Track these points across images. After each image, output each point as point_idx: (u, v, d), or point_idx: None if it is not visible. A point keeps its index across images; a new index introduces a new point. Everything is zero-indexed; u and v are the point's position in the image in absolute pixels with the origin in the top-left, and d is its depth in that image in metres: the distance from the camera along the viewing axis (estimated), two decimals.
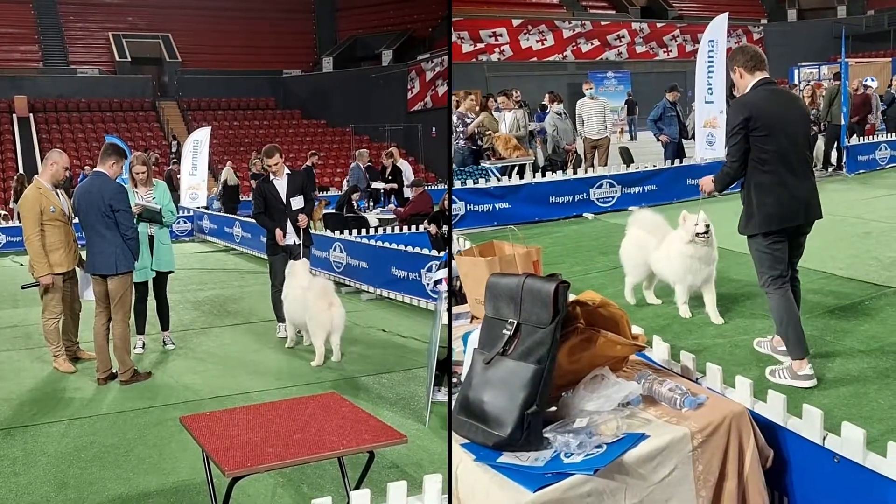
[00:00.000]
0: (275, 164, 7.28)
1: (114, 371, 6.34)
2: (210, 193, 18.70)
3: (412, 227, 10.93)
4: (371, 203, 14.67)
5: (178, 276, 9.13)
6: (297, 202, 7.29)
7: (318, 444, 3.33)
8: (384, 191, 14.56)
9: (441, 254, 8.41)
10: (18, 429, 5.39)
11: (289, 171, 7.42)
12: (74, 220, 6.59)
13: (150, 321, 7.33)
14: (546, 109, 13.62)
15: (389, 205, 14.15)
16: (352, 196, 13.59)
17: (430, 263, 8.33)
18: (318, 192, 17.27)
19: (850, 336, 5.46)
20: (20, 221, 6.94)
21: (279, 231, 7.22)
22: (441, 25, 30.69)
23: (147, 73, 31.18)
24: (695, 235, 5.71)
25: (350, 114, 29.33)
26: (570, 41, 30.63)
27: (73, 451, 4.96)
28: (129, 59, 31.25)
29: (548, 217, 10.77)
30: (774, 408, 3.21)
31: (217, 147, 25.63)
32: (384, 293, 9.22)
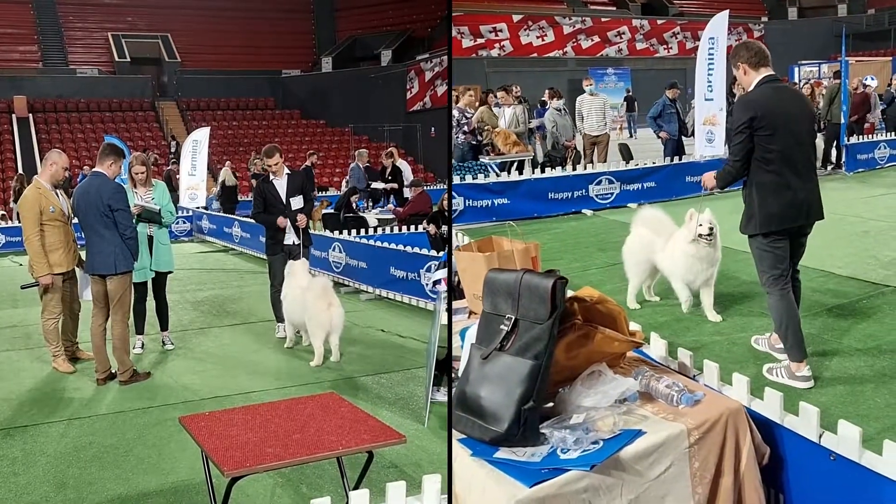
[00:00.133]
0: (275, 164, 7.29)
1: (113, 371, 6.34)
2: (209, 194, 18.70)
3: (411, 227, 10.94)
4: (370, 203, 14.68)
5: (178, 277, 9.14)
6: (297, 202, 7.29)
7: (317, 445, 3.33)
8: (384, 191, 14.57)
9: (440, 254, 8.41)
10: (18, 429, 5.39)
11: (288, 172, 7.43)
12: (74, 221, 6.60)
13: (150, 321, 7.33)
14: (546, 105, 13.58)
15: (388, 205, 14.15)
16: (351, 198, 13.60)
17: (429, 263, 8.33)
18: (318, 193, 17.28)
19: (848, 335, 5.46)
20: (20, 222, 6.94)
21: (281, 218, 7.19)
22: (440, 25, 30.68)
23: (146, 74, 31.18)
24: (698, 236, 5.62)
25: (349, 114, 29.33)
26: (571, 37, 30.54)
27: (73, 452, 4.96)
28: (129, 60, 31.25)
29: (546, 213, 10.73)
30: (771, 405, 3.21)
31: (216, 147, 25.63)
32: (383, 293, 9.22)
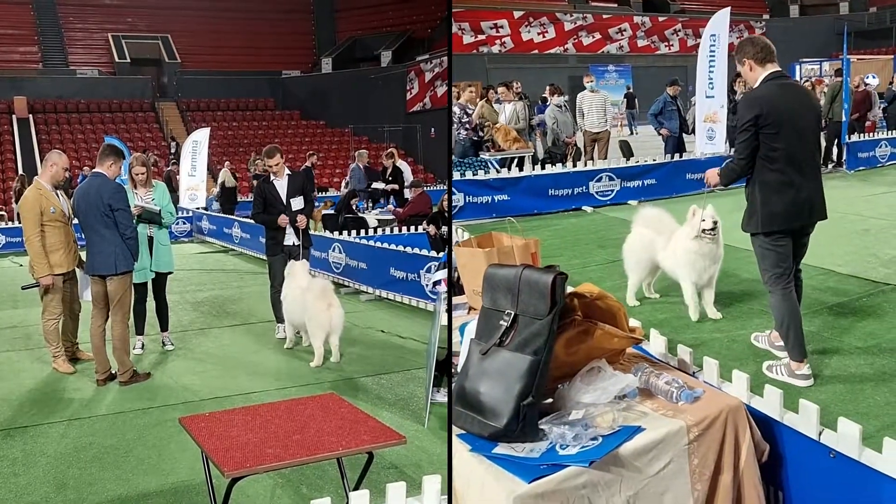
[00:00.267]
0: (275, 165, 7.29)
1: (113, 372, 6.34)
2: (209, 194, 18.71)
3: (411, 228, 10.95)
4: (370, 204, 14.68)
5: (178, 277, 9.14)
6: (297, 203, 7.29)
7: (317, 445, 3.34)
8: (384, 191, 14.56)
9: (440, 254, 8.41)
10: (18, 429, 5.39)
11: (289, 172, 7.43)
12: (74, 221, 6.61)
13: (150, 322, 7.33)
14: (547, 102, 13.56)
15: (388, 205, 14.15)
16: (351, 201, 13.60)
17: (429, 264, 8.33)
18: (319, 193, 17.28)
19: (848, 333, 5.45)
20: (20, 222, 6.95)
21: (283, 217, 7.19)
22: (440, 26, 30.67)
23: (146, 74, 31.18)
24: (701, 231, 5.55)
25: (349, 114, 29.33)
26: (572, 34, 30.48)
27: (73, 452, 4.96)
28: (129, 60, 31.26)
29: (547, 210, 10.72)
30: (771, 402, 3.20)
31: (216, 148, 25.63)
32: (383, 294, 9.22)
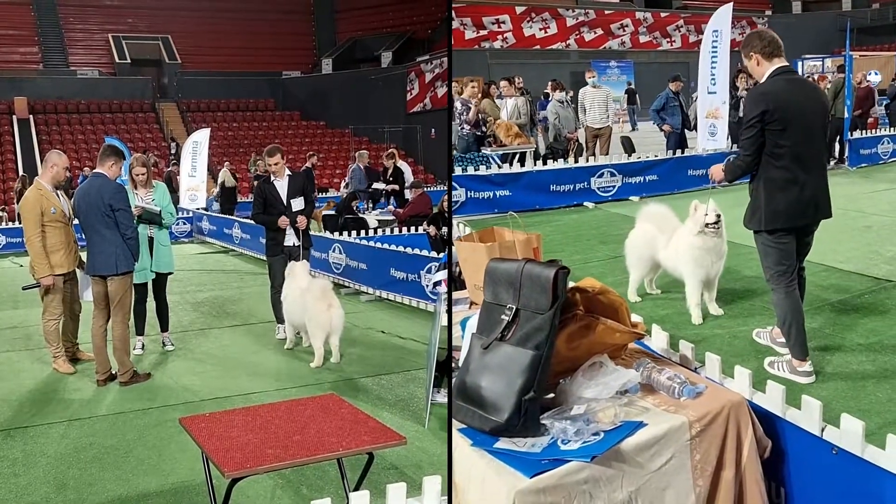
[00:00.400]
0: (275, 164, 7.30)
1: (113, 372, 6.35)
2: (209, 195, 18.70)
3: (411, 229, 10.94)
4: (370, 204, 14.67)
5: (178, 278, 9.13)
6: (298, 203, 7.29)
7: (318, 446, 3.34)
8: (384, 192, 14.56)
9: (440, 255, 8.41)
10: (18, 430, 5.39)
11: (289, 173, 7.43)
12: (75, 222, 6.61)
13: (150, 322, 7.34)
14: (549, 98, 13.53)
15: (389, 206, 14.15)
16: (351, 203, 13.60)
17: (430, 265, 8.34)
18: (319, 194, 17.28)
19: (850, 330, 5.43)
20: (21, 223, 6.95)
21: (283, 218, 7.18)
22: (440, 27, 30.66)
23: (147, 75, 31.17)
24: (704, 226, 5.48)
25: (349, 115, 29.32)
26: (574, 29, 30.34)
27: (73, 452, 4.96)
28: (129, 61, 31.24)
29: (548, 205, 10.69)
30: (773, 398, 3.20)
31: (216, 148, 25.62)
32: (383, 294, 9.22)
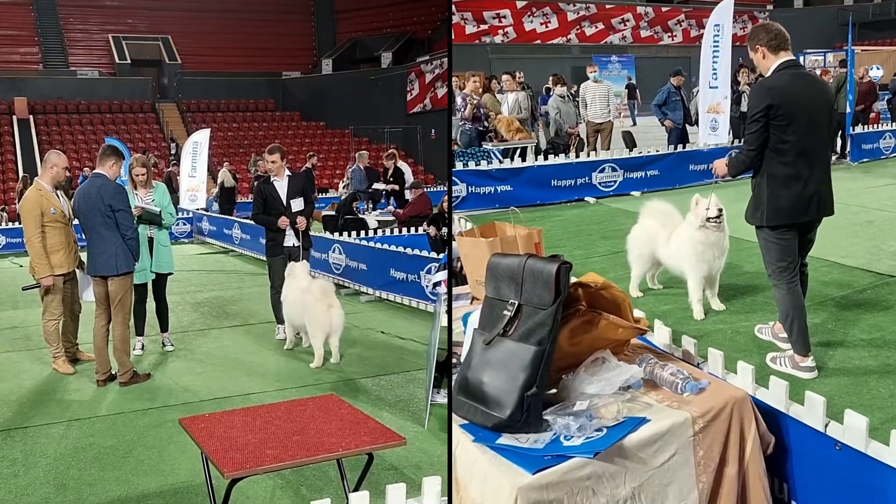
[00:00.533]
0: (273, 163, 7.29)
1: (113, 372, 6.35)
2: (209, 195, 18.71)
3: (411, 229, 10.94)
4: (370, 205, 14.68)
5: (178, 278, 9.14)
6: (297, 204, 7.28)
7: (317, 446, 3.34)
8: (385, 192, 14.56)
9: (440, 256, 8.42)
10: (18, 430, 5.39)
11: (289, 173, 7.43)
12: (74, 222, 6.61)
13: (150, 323, 7.33)
14: (551, 92, 13.50)
15: (388, 206, 14.15)
16: (352, 204, 13.61)
17: (430, 265, 8.34)
18: (319, 194, 17.27)
19: (853, 325, 5.41)
20: (21, 223, 6.96)
21: (283, 219, 7.18)
22: (440, 27, 30.66)
23: (147, 75, 31.21)
24: (706, 220, 5.43)
25: (349, 115, 29.34)
26: (575, 24, 30.17)
27: (73, 453, 4.96)
28: (129, 61, 31.29)
29: (549, 200, 10.66)
30: (776, 394, 3.20)
31: (216, 149, 25.65)
32: (383, 295, 9.22)
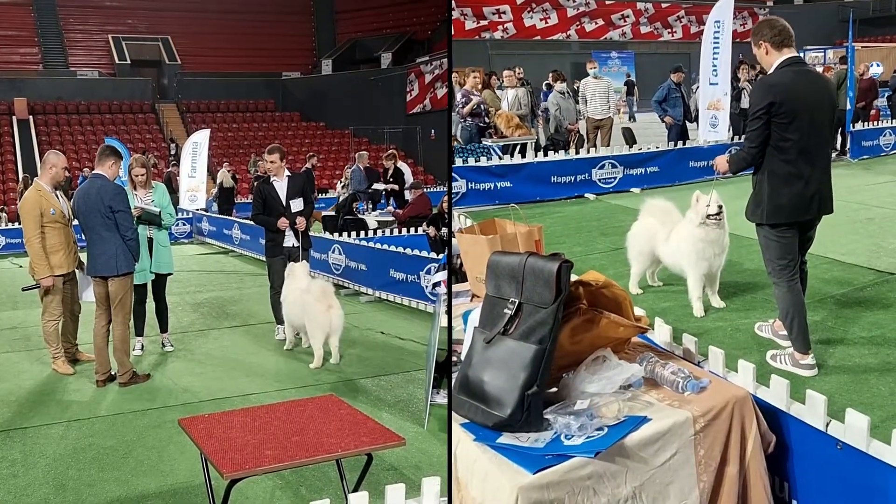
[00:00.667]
0: (272, 163, 7.29)
1: (112, 373, 6.35)
2: (209, 196, 18.71)
3: (411, 230, 10.94)
4: (370, 205, 14.68)
5: (177, 278, 9.13)
6: (297, 204, 7.28)
7: (317, 447, 3.34)
8: (384, 192, 14.56)
9: (440, 256, 8.42)
10: (17, 430, 5.39)
11: (289, 174, 7.43)
12: (74, 223, 6.61)
13: (149, 323, 7.33)
14: (552, 89, 13.49)
15: (388, 207, 14.15)
16: (352, 204, 13.61)
17: (429, 266, 8.34)
18: (319, 195, 17.26)
19: (853, 322, 5.39)
20: (21, 223, 6.96)
21: (283, 219, 7.18)
22: (440, 28, 30.65)
23: (146, 76, 31.21)
24: (706, 217, 5.40)
25: (349, 116, 29.34)
26: (574, 20, 30.09)
27: (72, 453, 4.96)
28: (129, 62, 31.30)
29: (549, 197, 10.63)
30: (777, 393, 3.19)
31: (216, 149, 25.64)
32: (383, 295, 9.22)
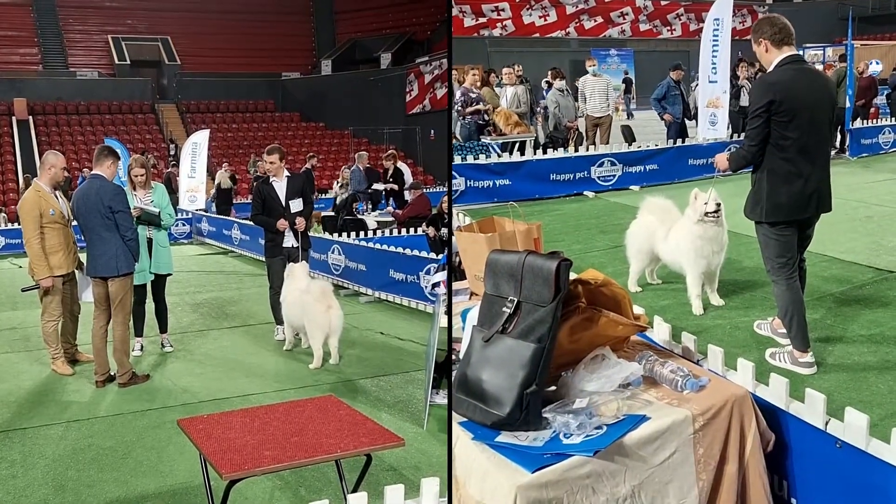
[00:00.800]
0: (271, 163, 7.29)
1: (112, 373, 6.34)
2: (208, 196, 18.71)
3: (410, 230, 10.94)
4: (370, 205, 14.68)
5: (177, 279, 9.13)
6: (296, 205, 7.28)
7: (316, 447, 3.34)
8: (384, 192, 14.57)
9: (439, 256, 8.42)
10: (17, 431, 5.39)
11: (288, 174, 7.43)
12: (73, 223, 6.61)
13: (149, 323, 7.32)
14: (551, 86, 13.50)
15: (388, 207, 14.15)
16: (352, 205, 13.60)
17: (429, 266, 8.34)
18: (319, 195, 17.26)
19: (852, 320, 5.40)
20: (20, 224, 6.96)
21: (282, 221, 7.19)
22: (440, 28, 30.65)
23: (146, 76, 31.20)
24: (704, 215, 5.40)
25: (349, 116, 29.33)
26: (573, 17, 30.01)
27: (71, 454, 4.96)
28: (129, 62, 31.29)
29: (548, 195, 10.64)
30: (776, 391, 3.19)
31: (216, 150, 25.64)
32: (382, 296, 9.22)
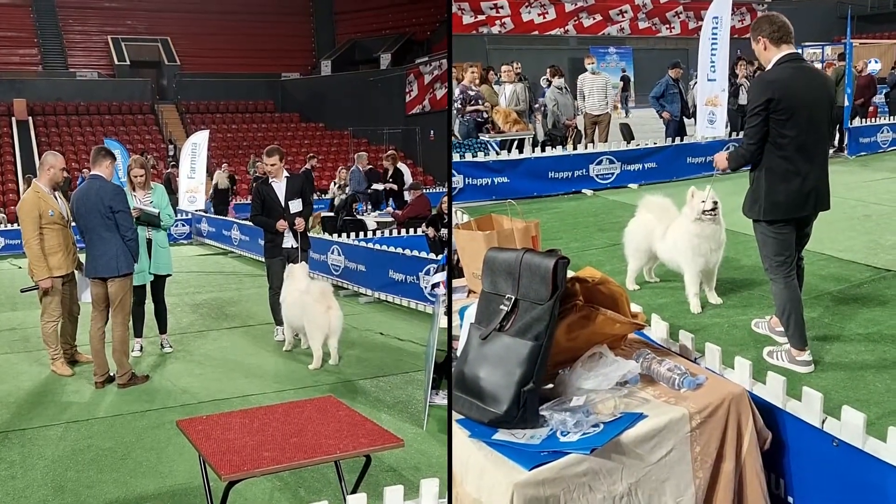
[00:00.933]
0: (272, 165, 7.30)
1: (111, 374, 6.34)
2: (207, 197, 18.71)
3: (410, 230, 10.94)
4: (369, 206, 14.69)
5: (176, 279, 9.13)
6: (296, 206, 7.28)
7: (315, 448, 3.33)
8: (384, 192, 14.57)
9: (439, 257, 8.41)
10: (16, 432, 5.38)
11: (288, 175, 7.43)
12: (72, 224, 6.61)
13: (148, 324, 7.32)
14: (550, 84, 13.51)
15: (387, 208, 14.15)
16: (352, 205, 13.60)
17: (428, 267, 8.33)
18: (319, 195, 17.24)
19: (849, 319, 5.39)
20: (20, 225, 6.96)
21: (281, 221, 7.19)
22: (439, 29, 30.65)
23: (146, 77, 31.19)
24: (701, 213, 5.41)
25: (348, 117, 29.33)
26: (572, 15, 30.03)
27: (71, 455, 4.96)
28: (128, 63, 31.28)
29: (546, 192, 10.63)
30: (774, 390, 3.19)
31: (216, 150, 25.64)
32: (382, 296, 9.22)
